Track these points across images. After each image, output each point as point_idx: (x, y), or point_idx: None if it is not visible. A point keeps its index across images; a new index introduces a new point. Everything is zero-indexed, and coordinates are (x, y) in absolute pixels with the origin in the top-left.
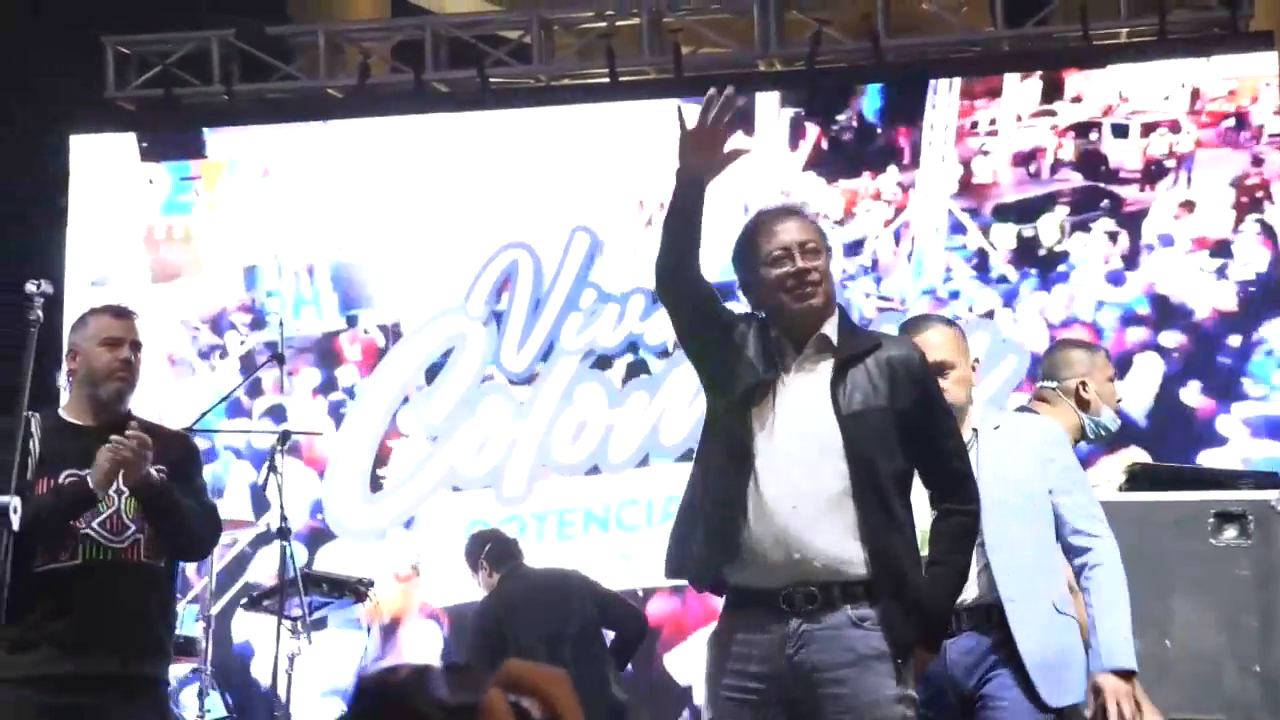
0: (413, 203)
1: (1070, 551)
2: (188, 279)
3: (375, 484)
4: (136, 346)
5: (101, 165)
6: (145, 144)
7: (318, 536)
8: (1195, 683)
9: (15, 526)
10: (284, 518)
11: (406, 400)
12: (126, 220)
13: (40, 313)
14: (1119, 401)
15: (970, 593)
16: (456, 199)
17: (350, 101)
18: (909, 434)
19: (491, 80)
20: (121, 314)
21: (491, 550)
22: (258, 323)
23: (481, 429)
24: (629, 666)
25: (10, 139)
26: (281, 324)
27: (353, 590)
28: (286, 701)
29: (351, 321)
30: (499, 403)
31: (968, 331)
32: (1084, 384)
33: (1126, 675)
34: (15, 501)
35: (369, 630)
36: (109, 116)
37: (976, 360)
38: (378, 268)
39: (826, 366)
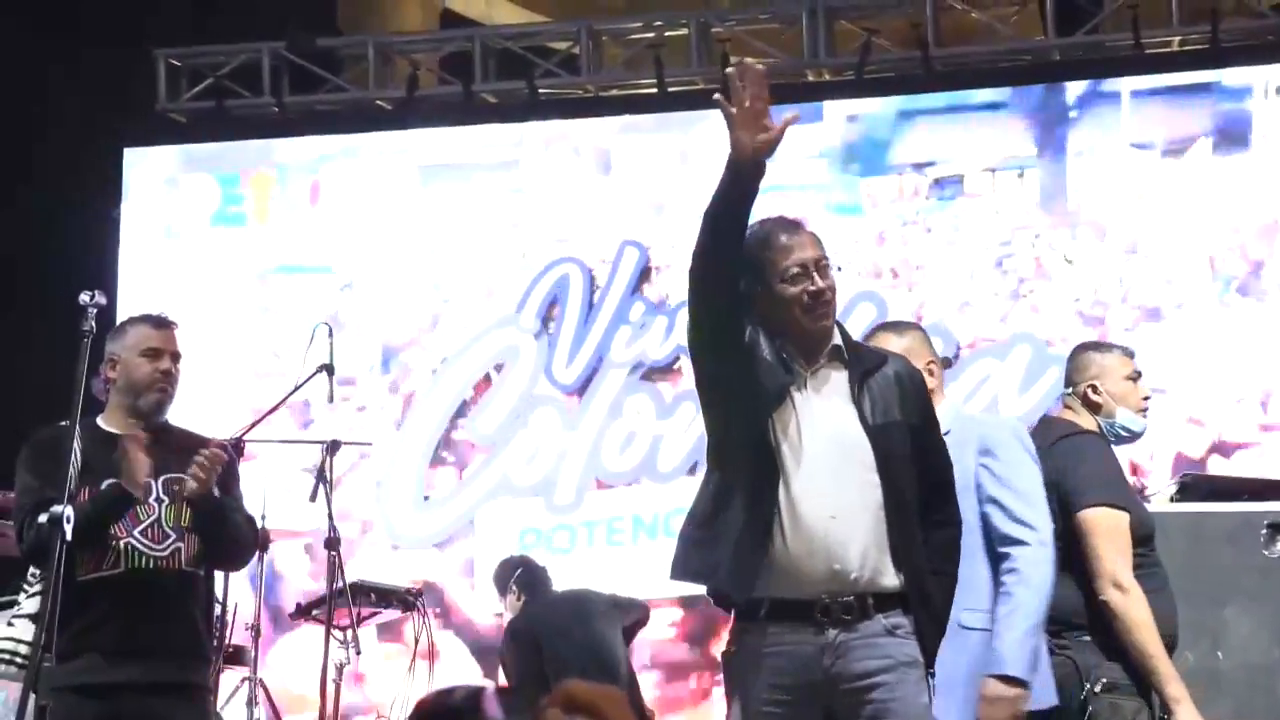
0: (463, 215)
1: (995, 558)
2: (240, 288)
3: (428, 493)
4: (176, 357)
5: (154, 177)
6: (197, 156)
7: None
8: (1248, 694)
9: (69, 536)
10: (333, 527)
11: (461, 412)
12: (178, 232)
13: (93, 324)
14: (1145, 399)
15: None
16: (507, 211)
17: (399, 112)
18: (919, 448)
19: (540, 91)
20: (161, 324)
21: (521, 576)
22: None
23: (533, 439)
24: None
25: (63, 151)
26: (331, 333)
27: (401, 600)
28: (335, 713)
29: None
30: (550, 414)
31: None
32: (1093, 386)
33: (1012, 682)
34: (69, 511)
35: (418, 640)
36: (161, 128)
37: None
38: (426, 282)
39: (841, 379)
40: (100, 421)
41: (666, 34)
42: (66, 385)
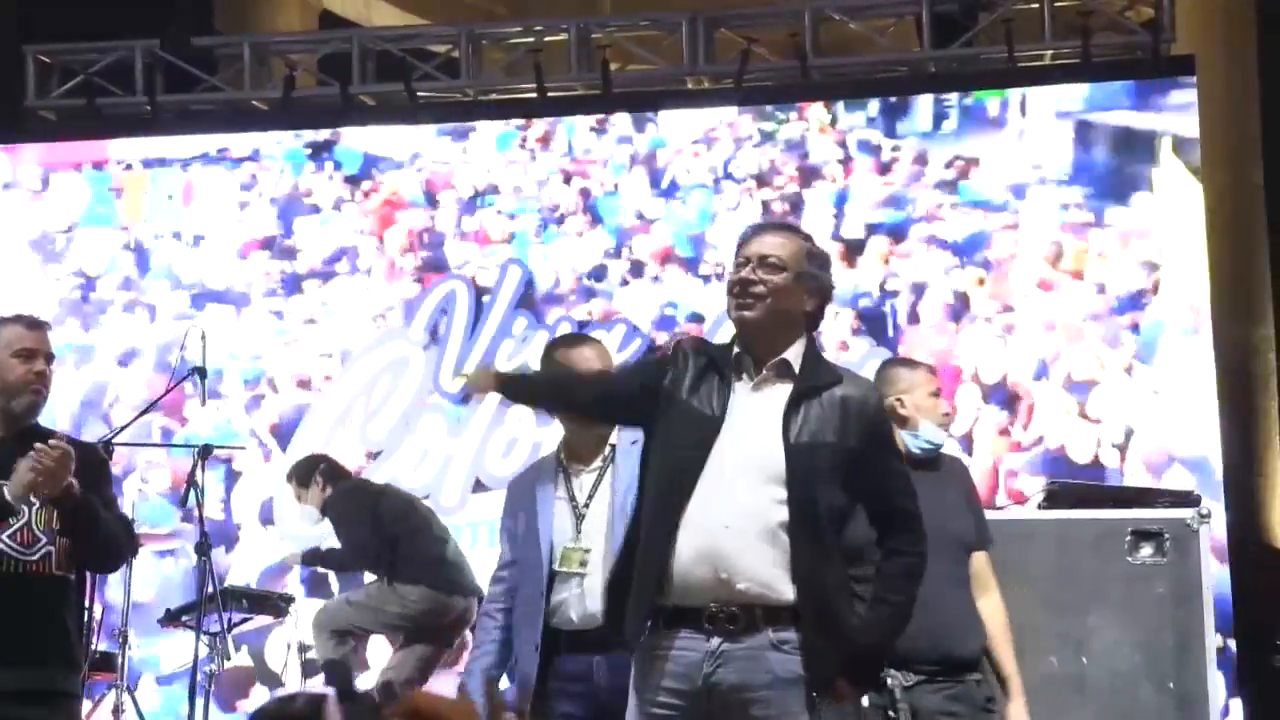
0: (345, 223)
1: None
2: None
3: None
4: (50, 358)
5: (18, 174)
6: (65, 154)
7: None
8: (1112, 700)
9: None
10: (204, 533)
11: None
12: (42, 230)
13: None
14: (946, 416)
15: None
16: (396, 221)
17: (275, 114)
18: (856, 473)
19: (419, 94)
20: (34, 325)
21: (325, 469)
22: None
23: (420, 444)
24: None
25: None
26: (204, 337)
27: (273, 606)
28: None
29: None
30: (437, 421)
31: None
32: (900, 400)
33: None
34: None
35: (289, 647)
36: (29, 125)
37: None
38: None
39: (783, 393)
40: None
41: (547, 39)
42: None
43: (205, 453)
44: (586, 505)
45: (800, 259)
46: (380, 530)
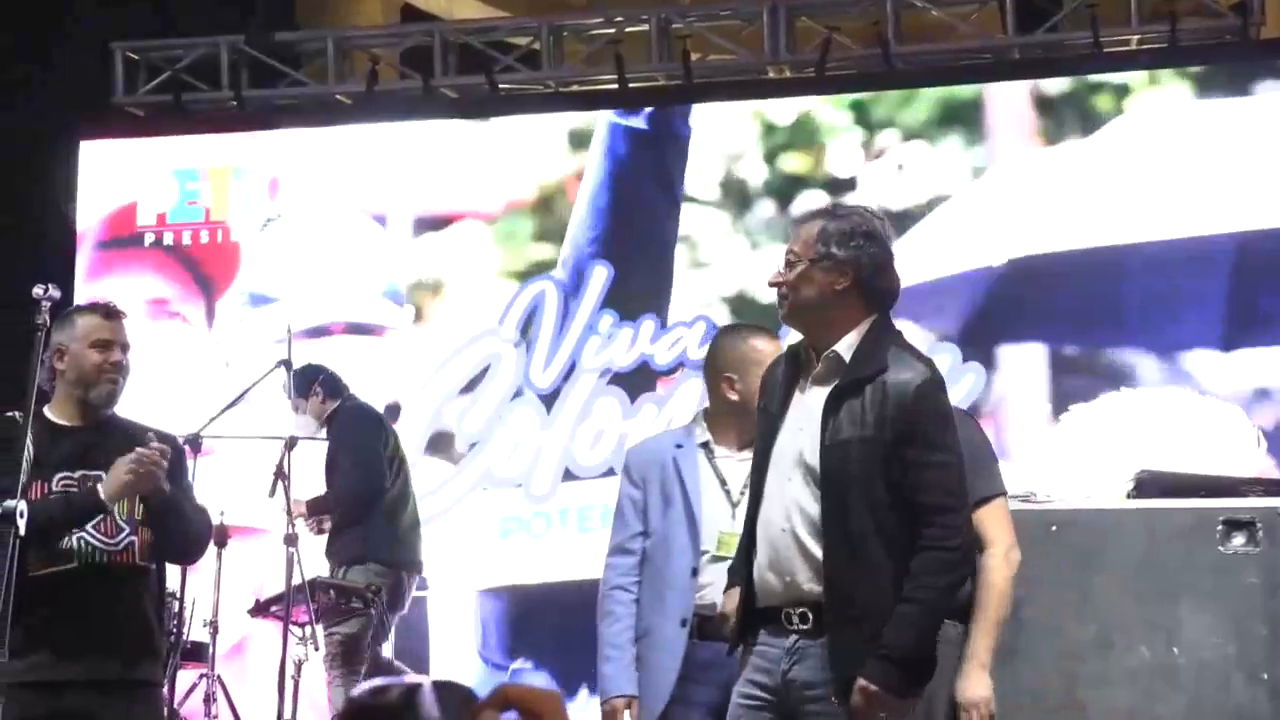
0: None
1: None
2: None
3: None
4: (125, 348)
5: (111, 171)
6: (154, 150)
7: None
8: (1203, 691)
9: (23, 532)
10: (291, 524)
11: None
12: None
13: (47, 317)
14: None
15: None
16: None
17: (358, 108)
18: (894, 466)
19: (500, 86)
20: (111, 314)
21: (326, 380)
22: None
23: (512, 436)
24: None
25: (20, 145)
26: (289, 330)
27: (360, 598)
28: (294, 711)
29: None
30: (528, 413)
31: None
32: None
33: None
34: (22, 506)
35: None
36: (118, 122)
37: None
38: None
39: (824, 393)
40: (48, 413)
41: (627, 30)
42: (20, 379)
43: (292, 444)
44: (742, 493)
45: (812, 244)
46: (380, 460)
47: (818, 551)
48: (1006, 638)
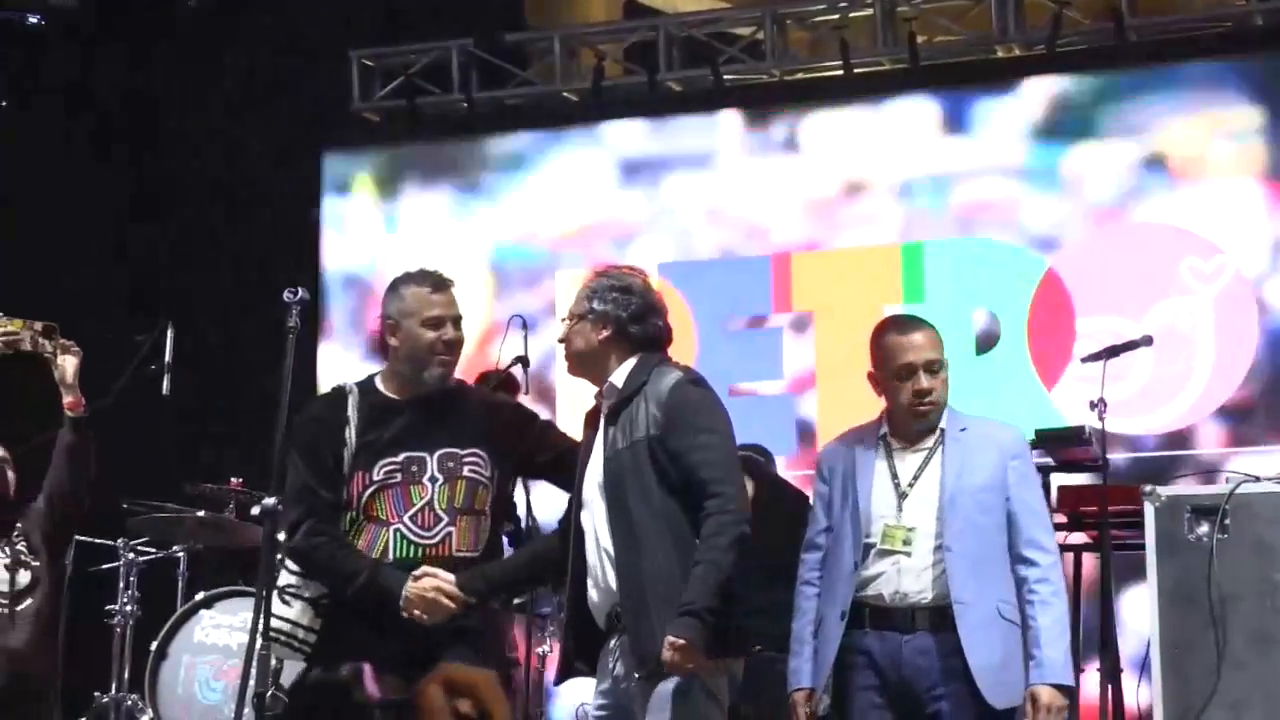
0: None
1: (1019, 561)
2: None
3: None
4: (458, 321)
5: (351, 176)
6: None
7: None
8: None
9: (281, 533)
10: (531, 517)
11: None
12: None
13: (297, 320)
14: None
15: (926, 593)
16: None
17: (586, 105)
18: (667, 458)
19: (725, 78)
20: (440, 285)
21: None
22: None
23: None
24: None
25: (265, 152)
26: (525, 326)
27: None
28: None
29: None
30: None
31: None
32: None
33: (1065, 690)
34: (274, 502)
35: None
36: (357, 128)
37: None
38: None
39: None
40: (380, 384)
41: (851, 15)
42: (275, 380)
43: None
44: (911, 484)
45: (580, 301)
46: None
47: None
48: (1267, 626)
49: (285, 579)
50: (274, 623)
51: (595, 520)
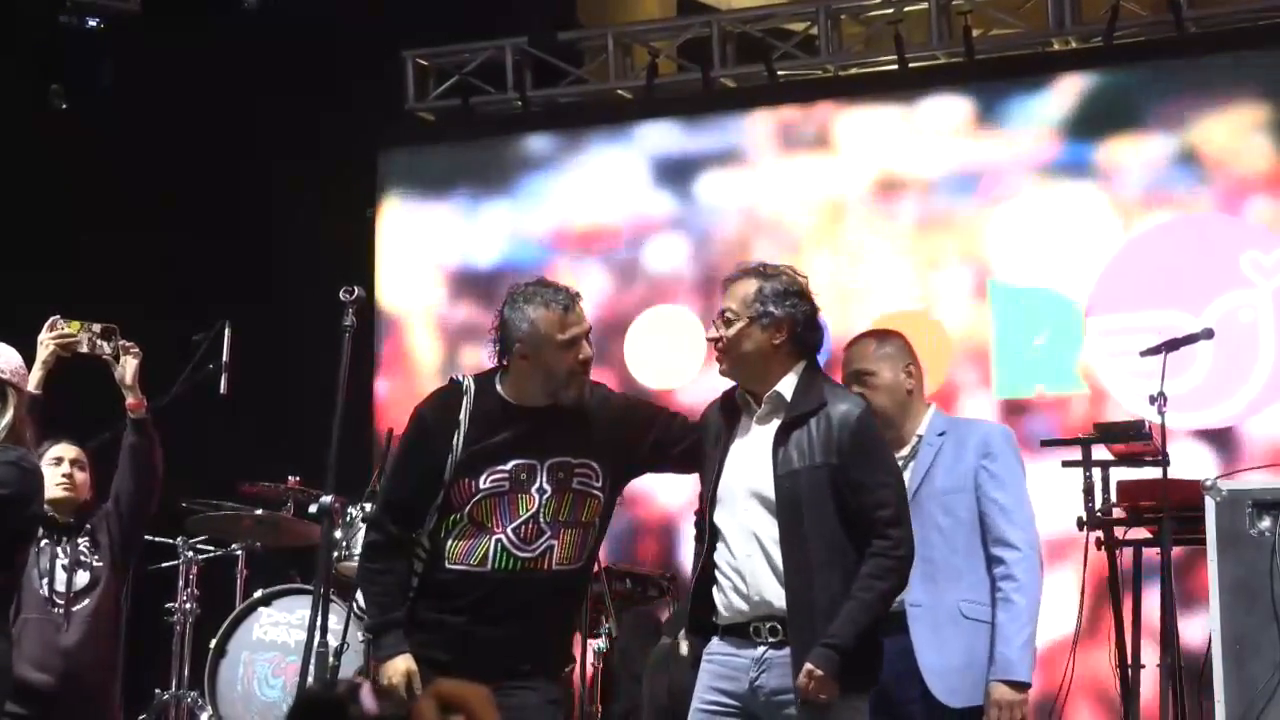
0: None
1: (990, 560)
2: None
3: None
4: (589, 333)
5: (407, 176)
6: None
7: None
8: None
9: (336, 531)
10: None
11: None
12: (431, 228)
13: (354, 318)
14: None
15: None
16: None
17: (639, 102)
18: (844, 486)
19: (779, 74)
20: (571, 304)
21: None
22: None
23: None
24: None
25: (321, 152)
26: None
27: (656, 585)
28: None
29: None
30: None
31: None
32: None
33: (1019, 686)
34: (331, 500)
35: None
36: (412, 127)
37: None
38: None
39: (771, 428)
40: (499, 388)
41: (905, 9)
42: (331, 378)
43: None
44: None
45: (750, 303)
46: None
47: (780, 570)
48: None
49: None
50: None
51: (749, 530)
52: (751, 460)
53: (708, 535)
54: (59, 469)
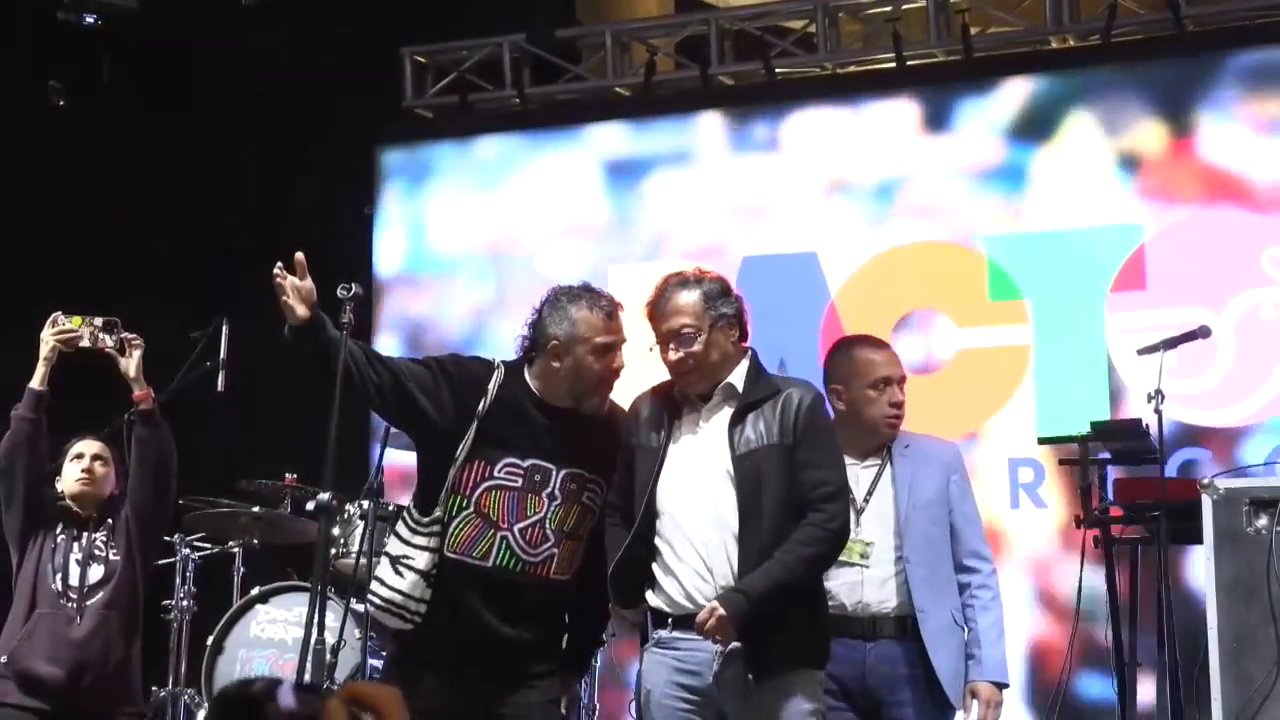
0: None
1: (960, 569)
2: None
3: None
4: (622, 345)
5: (406, 173)
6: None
7: None
8: None
9: (334, 528)
10: None
11: None
12: (430, 227)
13: (351, 316)
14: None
15: (888, 603)
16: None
17: (638, 100)
18: (793, 464)
19: (777, 71)
20: (613, 313)
21: None
22: None
23: None
24: None
25: (319, 151)
26: None
27: None
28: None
29: None
30: None
31: None
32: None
33: (1002, 687)
34: (329, 498)
35: None
36: (410, 124)
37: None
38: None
39: (727, 413)
40: (529, 377)
41: (904, 7)
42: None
43: None
44: (866, 500)
45: (703, 312)
46: None
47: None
48: None
49: (400, 549)
50: (386, 594)
51: (714, 512)
52: (706, 446)
53: (642, 522)
54: (79, 464)
